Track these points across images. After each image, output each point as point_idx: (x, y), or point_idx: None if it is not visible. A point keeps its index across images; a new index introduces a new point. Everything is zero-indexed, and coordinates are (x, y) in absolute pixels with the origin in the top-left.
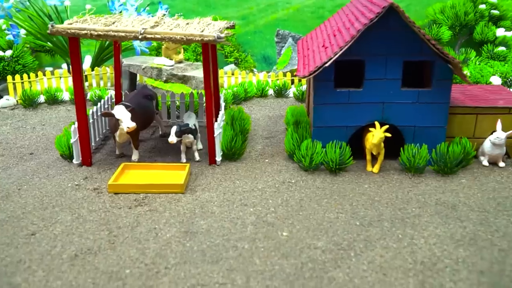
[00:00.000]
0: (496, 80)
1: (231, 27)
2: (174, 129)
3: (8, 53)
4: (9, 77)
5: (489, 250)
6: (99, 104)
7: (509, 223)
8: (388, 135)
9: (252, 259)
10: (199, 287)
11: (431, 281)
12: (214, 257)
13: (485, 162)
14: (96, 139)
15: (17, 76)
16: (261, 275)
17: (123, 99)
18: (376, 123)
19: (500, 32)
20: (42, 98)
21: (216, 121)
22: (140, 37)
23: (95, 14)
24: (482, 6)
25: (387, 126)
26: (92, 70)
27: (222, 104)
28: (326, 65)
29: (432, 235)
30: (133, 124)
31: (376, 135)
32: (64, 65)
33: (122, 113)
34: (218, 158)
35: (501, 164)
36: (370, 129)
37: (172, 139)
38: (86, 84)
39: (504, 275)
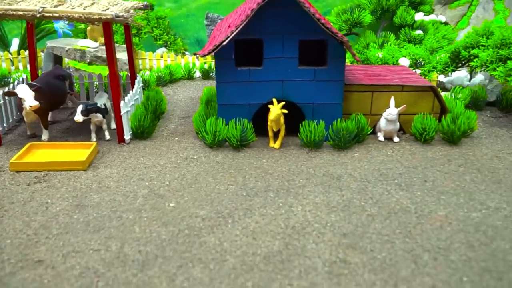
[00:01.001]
0: (404, 62)
1: (144, 8)
2: (80, 108)
3: None
4: None
5: (358, 216)
6: (11, 85)
7: (384, 191)
8: (285, 111)
9: (132, 228)
10: (73, 253)
11: (296, 243)
12: (96, 227)
13: (381, 138)
14: (9, 120)
15: None
16: (137, 241)
17: None
18: (274, 100)
19: (419, 16)
20: None
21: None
22: (38, 15)
23: None
24: None
25: (283, 103)
26: (19, 53)
27: (138, 84)
28: (224, 43)
29: (310, 203)
30: (35, 103)
31: (273, 112)
32: None
33: (24, 92)
34: (127, 136)
35: (396, 139)
36: (269, 106)
37: (78, 117)
38: (13, 68)
39: (365, 237)
